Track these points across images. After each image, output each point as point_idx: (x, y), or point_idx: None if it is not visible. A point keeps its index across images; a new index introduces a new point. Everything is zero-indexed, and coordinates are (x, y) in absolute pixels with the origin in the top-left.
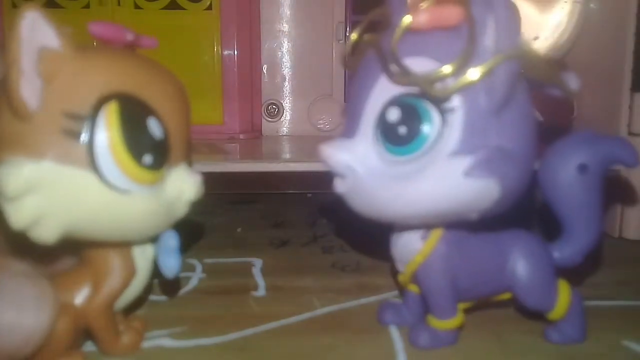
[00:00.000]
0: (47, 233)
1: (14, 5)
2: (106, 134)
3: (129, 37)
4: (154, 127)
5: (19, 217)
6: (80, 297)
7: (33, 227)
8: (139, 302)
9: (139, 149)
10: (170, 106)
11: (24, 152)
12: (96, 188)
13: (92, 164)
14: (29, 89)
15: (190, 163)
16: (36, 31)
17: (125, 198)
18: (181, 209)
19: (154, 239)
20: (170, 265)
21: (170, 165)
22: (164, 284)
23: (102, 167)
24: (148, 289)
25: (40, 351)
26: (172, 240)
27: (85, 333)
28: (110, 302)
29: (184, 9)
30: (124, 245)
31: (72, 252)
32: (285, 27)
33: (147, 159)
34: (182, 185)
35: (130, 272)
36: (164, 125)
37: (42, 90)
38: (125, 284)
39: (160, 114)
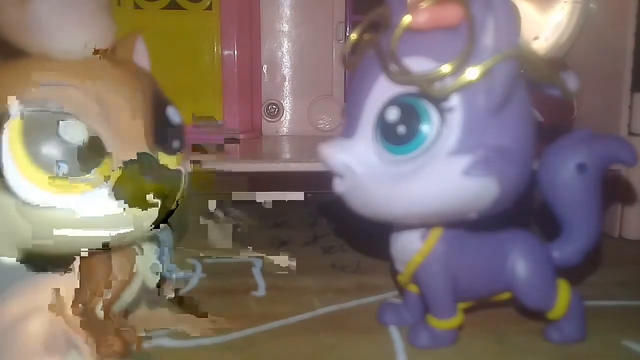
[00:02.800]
0: (5, 252)
1: None
2: (10, 151)
3: None
4: (70, 133)
5: None
6: (65, 300)
7: None
8: (136, 304)
9: (49, 160)
10: (108, 100)
11: None
12: (17, 208)
13: (4, 184)
14: None
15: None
16: None
17: (52, 212)
18: (145, 209)
19: (150, 240)
20: (165, 266)
21: (115, 165)
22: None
23: (15, 186)
24: (145, 290)
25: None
26: (166, 240)
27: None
28: (108, 304)
29: (184, 9)
30: (123, 247)
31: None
32: (285, 27)
33: (62, 168)
34: (135, 186)
35: (129, 274)
36: (91, 125)
37: None
38: (124, 286)
39: (85, 114)
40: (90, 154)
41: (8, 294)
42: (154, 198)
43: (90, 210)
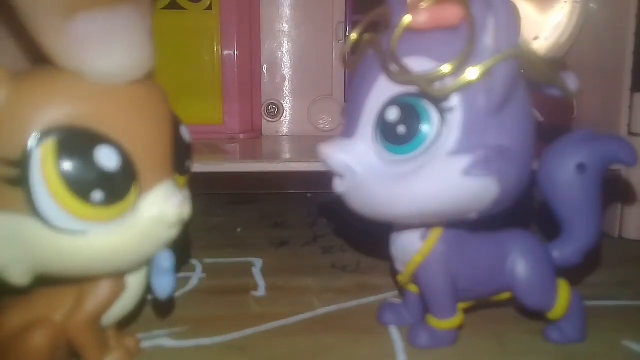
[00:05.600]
0: (16, 278)
1: None
2: (43, 177)
3: None
4: (106, 158)
5: None
6: (62, 311)
7: (1, 272)
8: (132, 317)
9: (85, 186)
10: (138, 125)
11: None
12: (45, 234)
13: (34, 210)
14: None
15: (182, 174)
16: None
17: (82, 239)
18: (166, 233)
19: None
20: (163, 285)
21: (142, 190)
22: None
23: (46, 212)
24: (142, 305)
25: None
26: (165, 262)
27: (71, 350)
28: (94, 317)
29: (184, 9)
30: None
31: None
32: (285, 27)
33: (97, 195)
34: (160, 209)
35: (118, 287)
36: (125, 150)
37: None
38: (112, 299)
39: (118, 138)
40: (124, 180)
41: (9, 304)
42: (176, 224)
43: (116, 237)
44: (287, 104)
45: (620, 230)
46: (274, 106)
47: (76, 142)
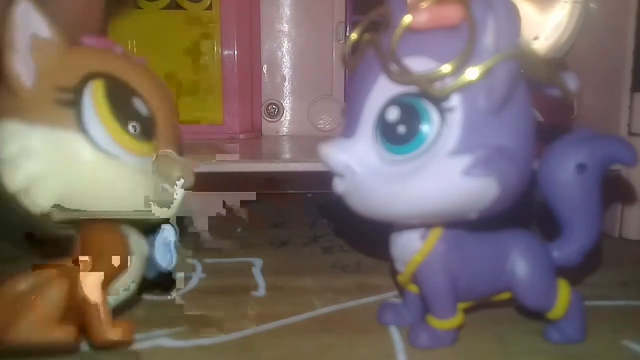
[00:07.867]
0: (41, 198)
1: None
2: (93, 102)
3: (118, 50)
4: (139, 105)
5: (14, 179)
6: (74, 276)
7: (27, 191)
8: (129, 303)
9: (125, 116)
10: (156, 99)
11: (20, 120)
12: (86, 149)
13: (82, 127)
14: (23, 69)
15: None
16: (29, 19)
17: (113, 162)
18: (171, 192)
19: (149, 232)
20: (165, 257)
21: (158, 146)
22: (163, 283)
23: (91, 131)
24: (140, 290)
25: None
26: (169, 234)
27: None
28: (103, 280)
29: (184, 9)
30: (119, 231)
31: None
32: (285, 27)
33: (134, 126)
34: (171, 166)
35: (124, 256)
36: (150, 108)
37: (35, 70)
38: (118, 269)
39: (145, 99)
40: (150, 126)
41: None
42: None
43: (136, 173)
44: (287, 104)
45: (620, 230)
46: (274, 106)
47: (119, 86)
